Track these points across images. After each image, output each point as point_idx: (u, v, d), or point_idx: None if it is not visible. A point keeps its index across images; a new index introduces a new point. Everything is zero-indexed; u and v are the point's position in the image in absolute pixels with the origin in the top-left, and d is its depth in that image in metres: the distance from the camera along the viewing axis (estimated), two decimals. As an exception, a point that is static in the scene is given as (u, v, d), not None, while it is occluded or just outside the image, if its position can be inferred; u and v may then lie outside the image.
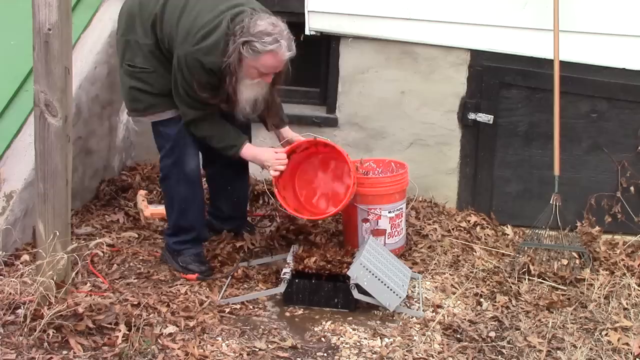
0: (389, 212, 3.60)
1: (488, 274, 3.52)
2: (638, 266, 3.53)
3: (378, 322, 3.10)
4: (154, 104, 3.25)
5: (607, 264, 3.60)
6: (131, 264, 3.44)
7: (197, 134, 3.26)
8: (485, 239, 3.87)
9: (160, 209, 3.90)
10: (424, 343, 2.94)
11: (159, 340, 2.81)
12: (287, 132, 3.50)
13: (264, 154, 3.33)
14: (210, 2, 3.12)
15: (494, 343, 2.96)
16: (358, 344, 2.94)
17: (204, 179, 3.65)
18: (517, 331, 3.04)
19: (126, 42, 3.23)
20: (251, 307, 3.17)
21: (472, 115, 4.03)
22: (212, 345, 2.84)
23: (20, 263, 3.03)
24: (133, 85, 3.24)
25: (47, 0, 2.60)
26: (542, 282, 3.43)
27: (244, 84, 3.12)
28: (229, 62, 3.02)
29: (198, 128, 3.25)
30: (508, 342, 2.96)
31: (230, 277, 3.34)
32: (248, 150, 3.30)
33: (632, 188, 3.89)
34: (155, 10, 3.15)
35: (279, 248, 3.65)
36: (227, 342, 2.88)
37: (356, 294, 3.10)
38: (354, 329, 3.04)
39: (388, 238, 3.63)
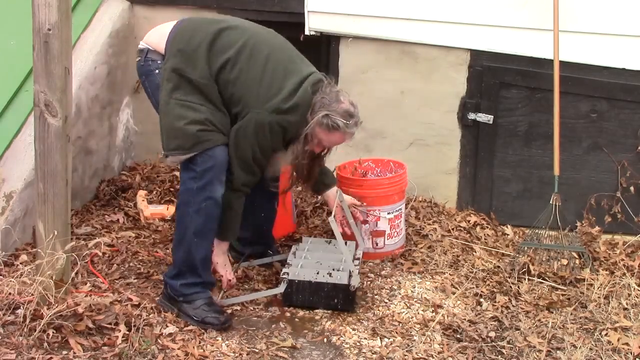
0: (388, 214, 3.60)
1: (488, 274, 3.52)
2: (638, 266, 3.53)
3: (378, 322, 3.10)
4: (209, 138, 2.92)
5: (607, 264, 3.60)
6: (131, 264, 3.44)
7: (230, 203, 3.02)
8: (485, 239, 3.87)
9: (160, 209, 3.91)
10: (424, 343, 2.94)
11: (159, 340, 2.81)
12: (333, 193, 3.39)
13: (226, 267, 3.17)
14: (287, 61, 3.01)
15: (494, 343, 2.96)
16: (358, 344, 2.94)
17: None
18: (517, 331, 3.04)
19: (179, 77, 2.92)
20: (251, 307, 3.17)
21: (472, 115, 4.02)
22: (212, 345, 2.84)
23: (20, 263, 3.03)
24: (188, 114, 2.89)
25: (47, 0, 2.60)
26: (542, 282, 3.43)
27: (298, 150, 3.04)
28: (306, 129, 2.98)
29: (237, 199, 3.04)
30: (508, 342, 2.96)
31: None
32: (223, 247, 3.15)
33: (632, 188, 3.89)
34: (228, 54, 2.94)
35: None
36: (227, 342, 2.88)
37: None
38: (354, 329, 3.04)
39: (387, 239, 3.63)
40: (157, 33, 3.08)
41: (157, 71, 3.01)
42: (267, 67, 2.95)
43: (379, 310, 3.19)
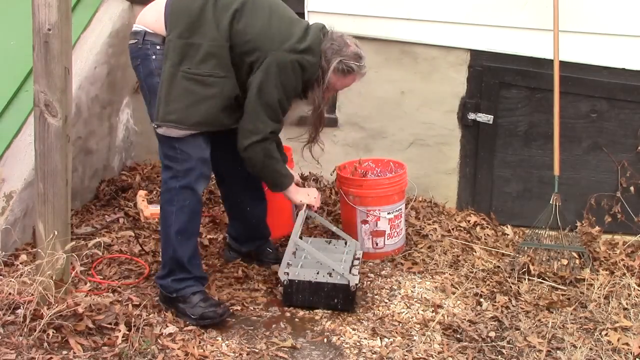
0: (388, 213, 3.60)
1: (488, 274, 3.52)
2: (638, 266, 3.53)
3: (378, 322, 3.10)
4: (213, 116, 2.92)
5: (607, 264, 3.60)
6: (131, 264, 3.44)
7: (267, 152, 3.02)
8: (485, 239, 3.87)
9: (160, 209, 3.91)
10: (424, 343, 2.94)
11: (159, 340, 2.81)
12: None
13: (309, 195, 3.25)
14: (289, 12, 3.06)
15: (494, 343, 2.96)
16: (358, 344, 2.94)
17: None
18: (517, 331, 3.04)
19: (187, 45, 2.88)
20: (251, 307, 3.17)
21: (472, 115, 4.03)
22: (212, 345, 2.84)
23: (20, 263, 3.03)
24: (196, 90, 2.88)
25: (47, 0, 2.60)
26: (542, 282, 3.43)
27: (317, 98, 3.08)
28: (325, 76, 3.02)
29: (270, 145, 3.03)
30: (508, 342, 2.97)
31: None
32: (293, 189, 3.20)
33: (632, 188, 3.89)
34: (234, 5, 2.91)
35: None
36: (227, 342, 2.88)
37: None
38: (354, 329, 3.04)
39: (387, 239, 3.63)
40: (152, 12, 3.01)
41: (154, 56, 2.94)
42: (272, 16, 2.97)
43: (379, 310, 3.19)
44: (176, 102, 2.88)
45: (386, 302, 3.27)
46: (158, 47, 2.94)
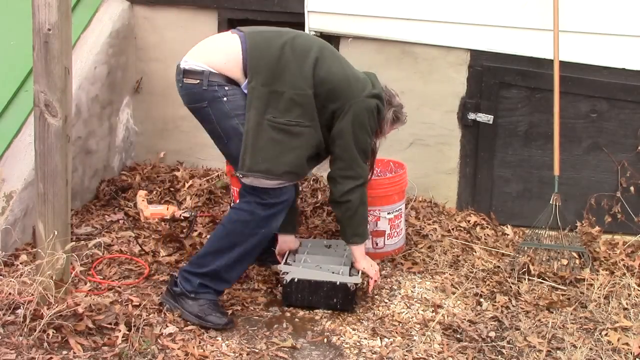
0: (388, 214, 3.60)
1: (488, 274, 3.52)
2: (638, 266, 3.53)
3: (378, 322, 3.10)
4: (301, 166, 2.94)
5: (607, 264, 3.60)
6: (131, 264, 3.44)
7: (358, 199, 3.08)
8: (485, 239, 3.87)
9: (160, 209, 3.90)
10: (423, 343, 2.94)
11: (159, 340, 2.81)
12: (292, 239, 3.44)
13: (373, 267, 3.24)
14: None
15: (494, 343, 2.96)
16: (358, 344, 2.94)
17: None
18: (517, 331, 3.04)
19: (270, 93, 2.86)
20: (252, 307, 3.17)
21: (471, 115, 4.03)
22: (212, 345, 2.84)
23: (20, 263, 3.03)
24: (283, 140, 2.88)
25: (47, 0, 2.60)
26: (542, 282, 3.43)
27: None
28: (383, 124, 3.17)
29: (365, 192, 3.13)
30: (508, 342, 2.97)
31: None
32: (363, 250, 3.22)
33: (632, 188, 3.89)
34: (313, 53, 2.93)
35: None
36: (227, 342, 2.88)
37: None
38: (354, 329, 3.04)
39: (387, 239, 3.64)
40: (220, 53, 2.93)
41: (225, 98, 2.88)
42: (345, 65, 3.07)
43: (379, 310, 3.19)
44: (263, 152, 2.86)
45: (386, 302, 3.27)
46: (227, 87, 2.89)
